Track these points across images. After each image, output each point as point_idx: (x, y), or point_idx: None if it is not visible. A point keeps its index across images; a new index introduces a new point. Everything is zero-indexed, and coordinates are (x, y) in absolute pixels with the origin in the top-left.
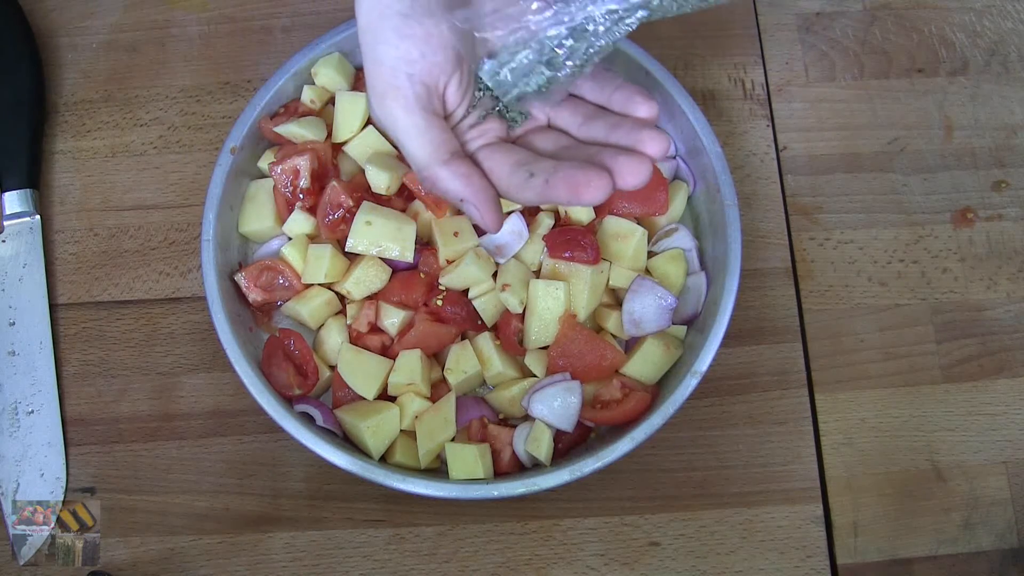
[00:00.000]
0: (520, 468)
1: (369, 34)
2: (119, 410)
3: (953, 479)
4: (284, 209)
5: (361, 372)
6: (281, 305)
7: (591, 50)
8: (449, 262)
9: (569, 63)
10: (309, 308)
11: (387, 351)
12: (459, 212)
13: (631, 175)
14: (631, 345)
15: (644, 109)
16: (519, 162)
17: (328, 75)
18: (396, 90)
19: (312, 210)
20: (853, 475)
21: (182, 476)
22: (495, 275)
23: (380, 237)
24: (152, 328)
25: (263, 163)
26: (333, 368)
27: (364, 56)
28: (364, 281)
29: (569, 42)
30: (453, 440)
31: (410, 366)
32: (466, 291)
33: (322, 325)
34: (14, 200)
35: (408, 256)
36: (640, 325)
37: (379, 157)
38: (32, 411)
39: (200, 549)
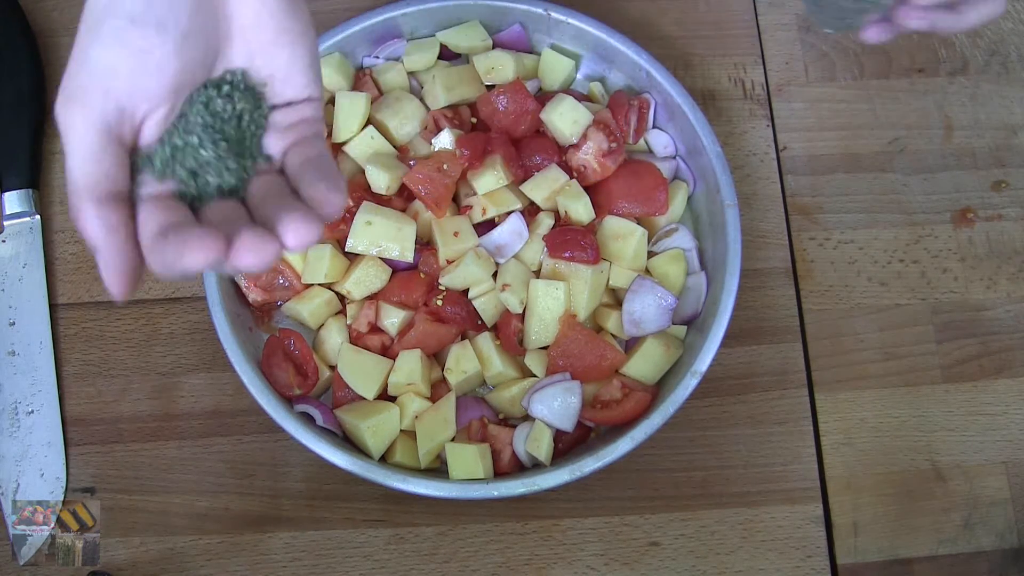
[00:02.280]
0: (520, 468)
1: (87, 25)
2: (119, 410)
3: (953, 479)
4: None
5: (361, 372)
6: (281, 305)
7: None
8: (449, 262)
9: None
10: (309, 308)
11: (387, 351)
12: (459, 212)
13: (292, 235)
14: (631, 345)
15: (294, 236)
16: (172, 224)
17: (328, 75)
18: (85, 98)
19: None
20: (853, 475)
21: (182, 476)
22: (495, 275)
23: (380, 237)
24: (152, 328)
25: None
26: (333, 368)
27: (75, 46)
28: (364, 281)
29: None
30: (453, 440)
31: (410, 366)
32: (466, 291)
33: (322, 325)
34: (14, 200)
35: (408, 256)
36: (640, 325)
37: (379, 157)
38: (32, 411)
39: (200, 549)
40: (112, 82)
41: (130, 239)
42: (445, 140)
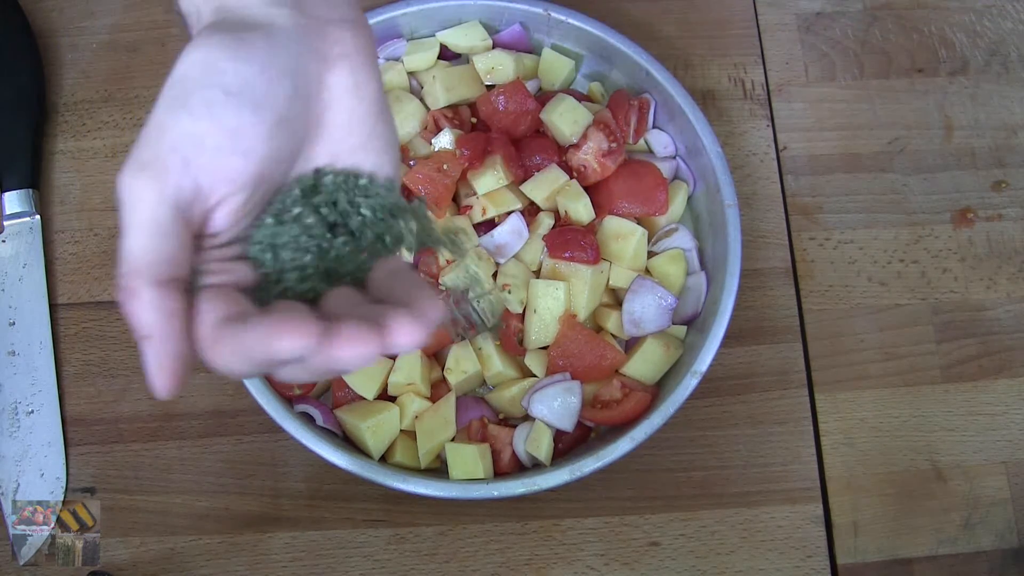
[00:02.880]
0: (520, 468)
1: (174, 93)
2: (119, 410)
3: (953, 479)
4: None
5: (361, 372)
6: None
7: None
8: (449, 262)
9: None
10: None
11: None
12: (459, 212)
13: (402, 334)
14: (631, 345)
15: (403, 334)
16: (236, 315)
17: None
18: (161, 169)
19: None
20: (853, 475)
21: (182, 476)
22: (495, 275)
23: None
24: None
25: None
26: None
27: (153, 113)
28: None
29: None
30: (453, 440)
31: (410, 366)
32: (466, 291)
33: None
34: (14, 200)
35: (408, 256)
36: (640, 325)
37: None
38: (32, 411)
39: (200, 549)
40: (196, 156)
41: (186, 330)
42: (445, 140)
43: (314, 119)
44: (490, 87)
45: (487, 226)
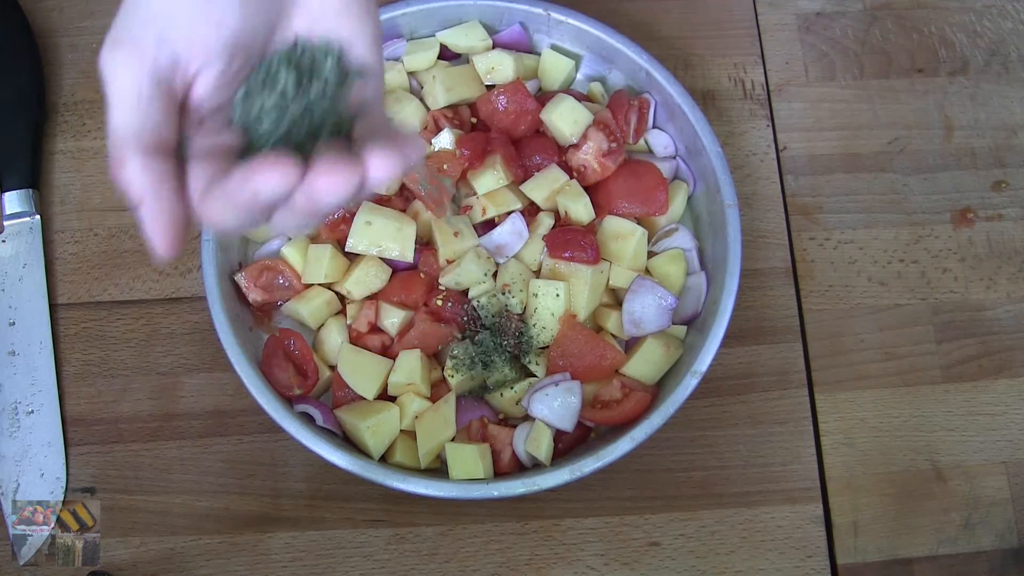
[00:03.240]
0: (520, 468)
1: None
2: (119, 410)
3: (953, 479)
4: None
5: (361, 372)
6: (281, 305)
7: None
8: (449, 262)
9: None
10: (309, 308)
11: (387, 351)
12: (459, 212)
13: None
14: (631, 345)
15: (379, 166)
16: (224, 172)
17: None
18: (137, 44)
19: None
20: (853, 475)
21: (182, 476)
22: (495, 275)
23: (380, 237)
24: (152, 328)
25: None
26: (333, 368)
27: None
28: (364, 281)
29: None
30: (453, 440)
31: (410, 366)
32: (466, 291)
33: (322, 325)
34: (14, 200)
35: (408, 256)
36: (640, 325)
37: None
38: (32, 411)
39: (200, 549)
40: (169, 30)
41: (178, 192)
42: (445, 140)
43: None
44: (490, 87)
45: (487, 226)
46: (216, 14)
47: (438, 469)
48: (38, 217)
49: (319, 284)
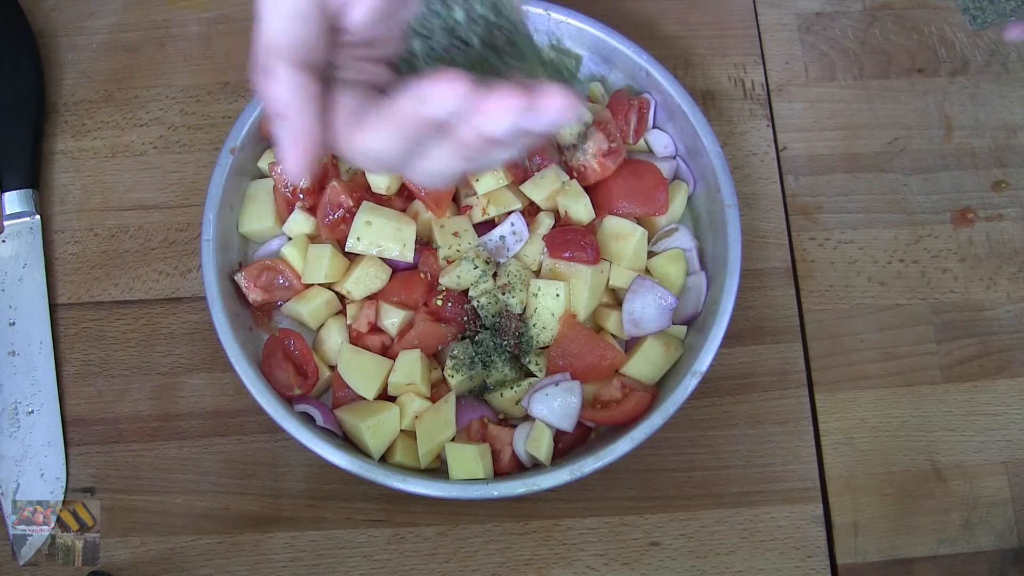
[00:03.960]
0: (520, 468)
1: None
2: (119, 410)
3: (953, 479)
4: (284, 209)
5: (361, 372)
6: (281, 305)
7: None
8: (449, 262)
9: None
10: (309, 308)
11: (387, 351)
12: (459, 212)
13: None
14: (631, 345)
15: (555, 100)
16: (372, 104)
17: None
18: None
19: (312, 210)
20: (853, 475)
21: (182, 476)
22: (495, 275)
23: (380, 237)
24: (152, 328)
25: (263, 163)
26: (333, 368)
27: None
28: (364, 281)
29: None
30: (453, 440)
31: (410, 366)
32: (466, 291)
33: (322, 325)
34: (14, 200)
35: (408, 256)
36: (640, 325)
37: None
38: (32, 411)
39: (200, 549)
40: None
41: (321, 113)
42: None
43: None
44: None
45: (487, 226)
46: None
47: (438, 469)
48: (38, 217)
49: (319, 284)
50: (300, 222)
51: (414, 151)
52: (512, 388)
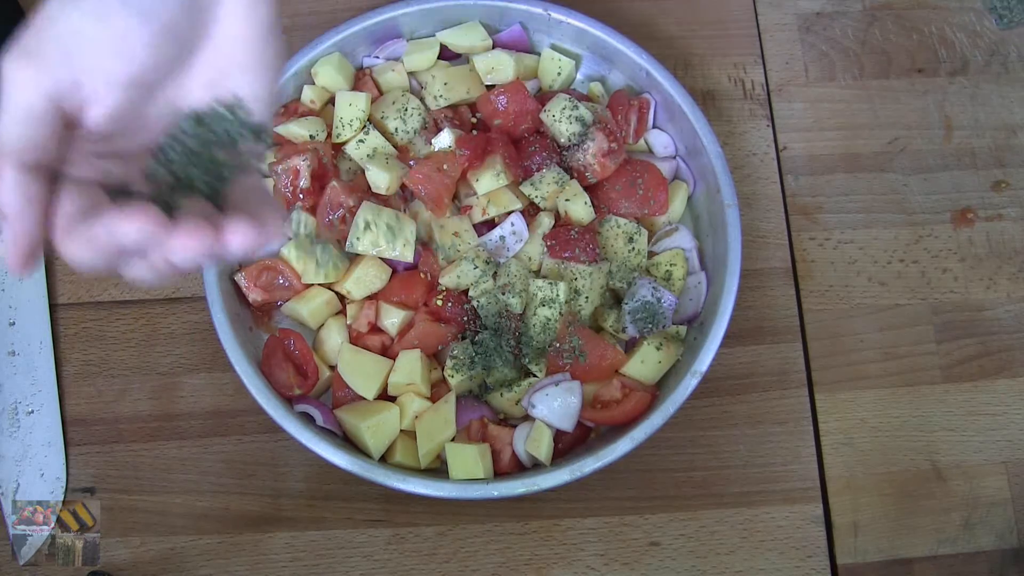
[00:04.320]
0: (520, 468)
1: None
2: (119, 410)
3: (953, 479)
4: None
5: (361, 372)
6: (281, 305)
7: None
8: (449, 262)
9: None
10: (309, 308)
11: (387, 351)
12: (459, 212)
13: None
14: (631, 345)
15: (236, 236)
16: (92, 208)
17: (328, 75)
18: (43, 58)
19: (312, 210)
20: (853, 475)
21: (182, 476)
22: (495, 275)
23: (380, 237)
24: (152, 328)
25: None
26: (333, 368)
27: (46, 4)
28: (364, 281)
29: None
30: (453, 440)
31: (410, 366)
32: (466, 291)
33: (322, 325)
34: None
35: (408, 256)
36: (640, 325)
37: (379, 157)
38: (32, 411)
39: (200, 549)
40: (77, 52)
41: (43, 217)
42: (445, 140)
43: (201, 31)
44: (490, 87)
45: (487, 226)
46: (128, 50)
47: (438, 469)
48: None
49: (319, 284)
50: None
51: (117, 264)
52: (512, 388)
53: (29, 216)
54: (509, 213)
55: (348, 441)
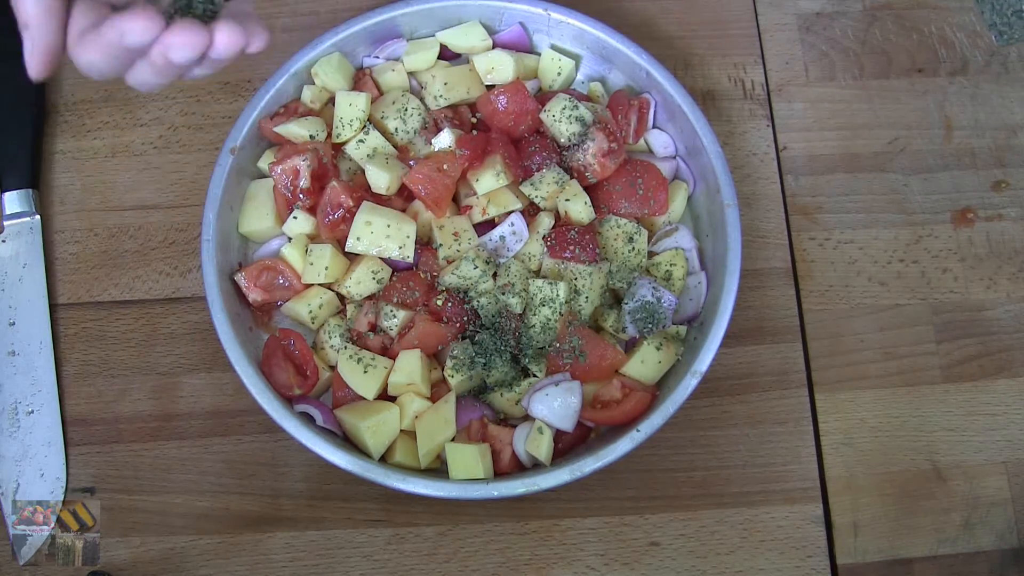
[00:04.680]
0: (520, 468)
1: None
2: (119, 410)
3: (953, 479)
4: (284, 209)
5: (361, 372)
6: (281, 305)
7: None
8: (449, 262)
9: None
10: (309, 308)
11: (387, 351)
12: (459, 212)
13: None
14: (631, 345)
15: (224, 35)
16: (101, 21)
17: (328, 75)
18: None
19: (312, 210)
20: (853, 475)
21: (182, 476)
22: (495, 275)
23: (380, 237)
24: (152, 328)
25: (263, 163)
26: (333, 368)
27: None
28: (364, 281)
29: None
30: (453, 440)
31: (410, 366)
32: (466, 291)
33: (322, 325)
34: (14, 200)
35: (408, 256)
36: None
37: (379, 157)
38: (32, 411)
39: (200, 549)
40: None
41: (61, 26)
42: (445, 140)
43: None
44: (490, 87)
45: (487, 226)
46: None
47: (438, 469)
48: (38, 217)
49: (319, 284)
50: (300, 222)
51: (122, 67)
52: (512, 388)
53: (48, 25)
54: (509, 213)
55: (348, 441)
